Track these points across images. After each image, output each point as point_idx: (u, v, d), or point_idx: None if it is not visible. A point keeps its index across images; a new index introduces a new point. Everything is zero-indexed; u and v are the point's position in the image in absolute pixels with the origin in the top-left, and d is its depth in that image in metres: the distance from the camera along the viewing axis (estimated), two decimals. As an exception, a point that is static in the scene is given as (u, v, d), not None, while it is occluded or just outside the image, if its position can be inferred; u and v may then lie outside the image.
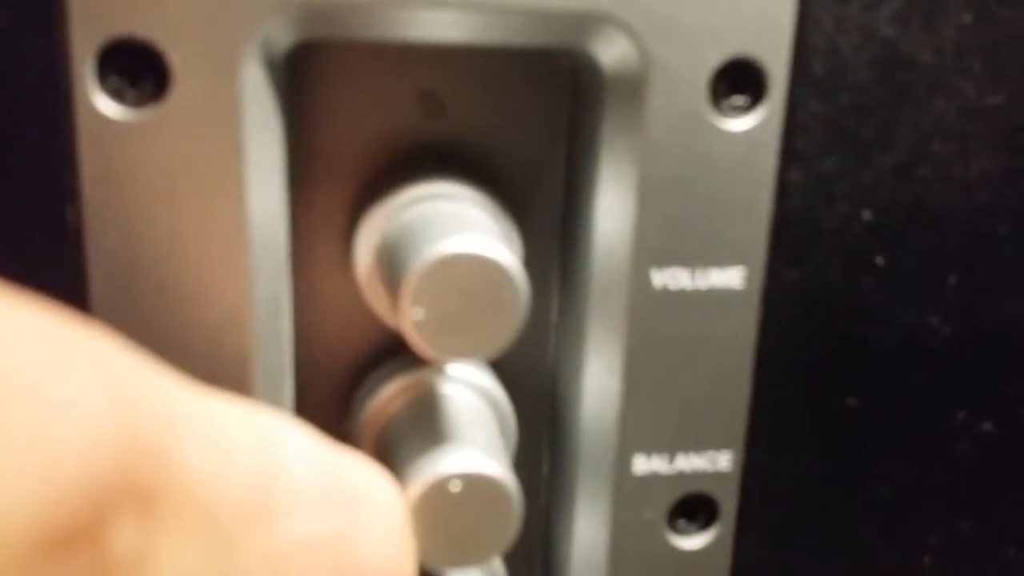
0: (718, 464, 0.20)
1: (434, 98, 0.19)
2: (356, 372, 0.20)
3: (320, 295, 0.20)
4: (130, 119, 0.16)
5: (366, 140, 0.19)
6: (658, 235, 0.18)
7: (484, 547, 0.18)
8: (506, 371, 0.21)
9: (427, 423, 0.19)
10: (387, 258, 0.18)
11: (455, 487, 0.17)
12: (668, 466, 0.20)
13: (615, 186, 0.19)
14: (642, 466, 0.20)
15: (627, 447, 0.19)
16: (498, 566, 0.21)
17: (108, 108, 0.16)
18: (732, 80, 0.18)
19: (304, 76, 0.18)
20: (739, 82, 0.18)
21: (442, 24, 0.17)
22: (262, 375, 0.17)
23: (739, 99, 0.18)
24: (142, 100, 0.16)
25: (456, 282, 0.16)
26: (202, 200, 0.16)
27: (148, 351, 0.14)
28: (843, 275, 0.20)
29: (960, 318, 0.21)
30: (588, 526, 0.21)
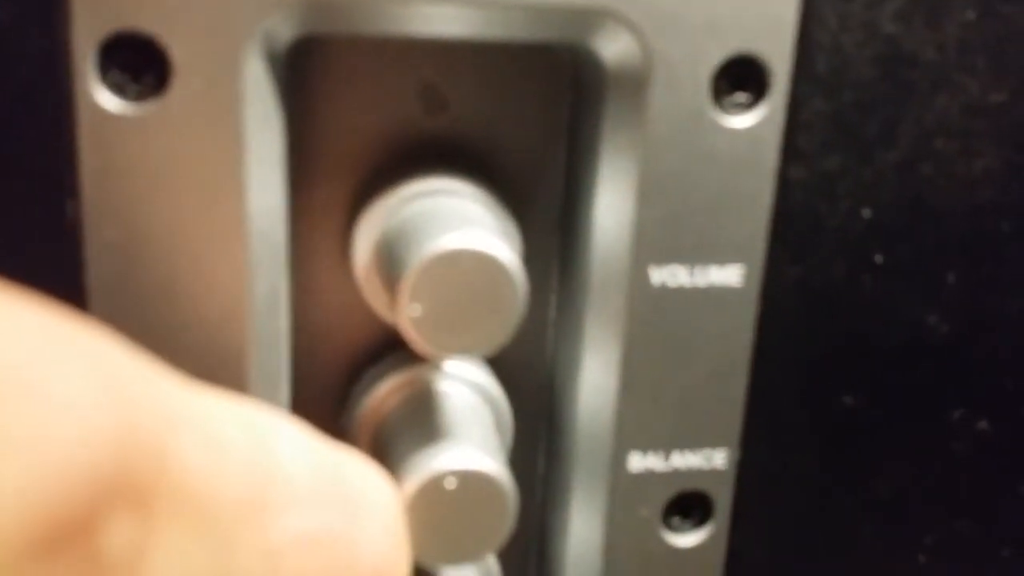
0: (713, 462, 0.20)
1: (435, 93, 0.19)
2: (353, 368, 0.20)
3: (318, 290, 0.20)
4: (131, 113, 0.16)
5: (367, 135, 0.19)
6: (658, 232, 0.18)
7: (479, 544, 0.18)
8: (504, 368, 0.21)
9: (423, 420, 0.19)
10: (386, 254, 0.18)
11: (450, 484, 0.17)
12: (664, 463, 0.20)
13: (615, 182, 0.19)
14: (638, 463, 0.20)
15: (623, 444, 0.19)
16: (493, 563, 0.21)
17: (109, 102, 0.16)
18: (734, 77, 0.18)
19: (305, 71, 0.18)
20: (741, 79, 0.18)
21: (443, 19, 0.17)
22: (259, 370, 0.17)
23: (741, 96, 0.18)
24: (143, 94, 0.16)
25: (454, 278, 0.16)
26: (202, 195, 0.16)
27: (146, 345, 0.14)
28: (844, 272, 0.20)
29: (961, 316, 0.21)
30: (583, 523, 0.21)
